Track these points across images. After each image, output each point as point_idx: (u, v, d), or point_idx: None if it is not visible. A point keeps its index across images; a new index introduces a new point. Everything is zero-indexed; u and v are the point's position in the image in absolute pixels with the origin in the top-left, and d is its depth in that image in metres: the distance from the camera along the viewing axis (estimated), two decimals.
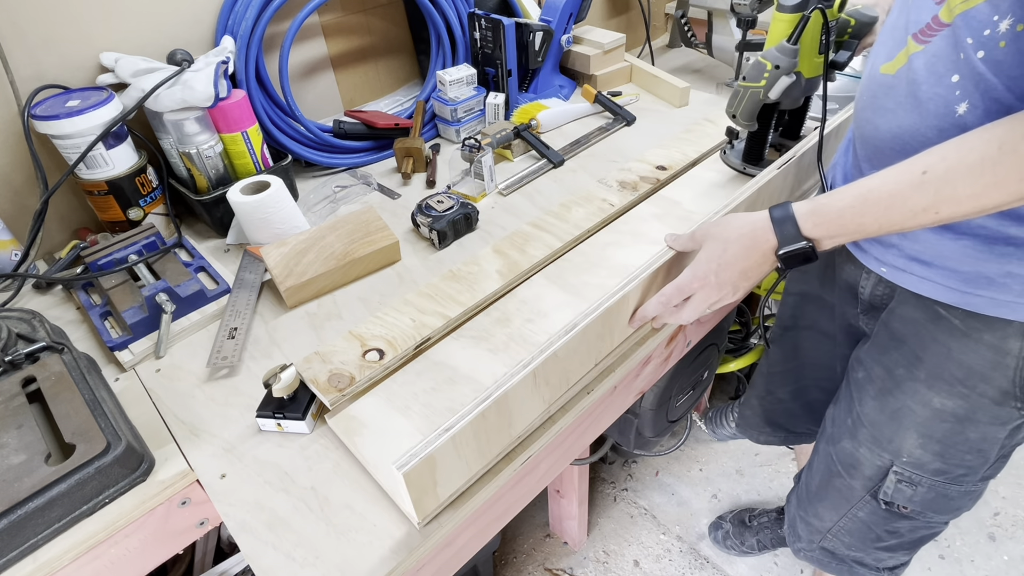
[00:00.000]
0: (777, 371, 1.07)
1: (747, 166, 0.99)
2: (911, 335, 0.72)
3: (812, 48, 0.83)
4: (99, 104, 0.84)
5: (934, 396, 0.72)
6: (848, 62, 0.87)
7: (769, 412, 1.12)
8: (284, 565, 0.56)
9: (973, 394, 0.69)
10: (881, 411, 0.78)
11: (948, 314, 0.67)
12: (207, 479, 0.63)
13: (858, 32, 0.86)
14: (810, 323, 0.96)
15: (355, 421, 0.66)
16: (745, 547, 1.45)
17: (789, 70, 0.81)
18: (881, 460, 0.79)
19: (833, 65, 0.86)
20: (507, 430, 0.62)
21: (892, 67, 0.63)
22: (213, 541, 1.05)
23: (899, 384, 0.75)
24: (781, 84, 0.82)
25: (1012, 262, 0.60)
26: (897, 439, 0.77)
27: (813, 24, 0.80)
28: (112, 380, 0.74)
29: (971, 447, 0.73)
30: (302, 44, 1.11)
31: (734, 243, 0.65)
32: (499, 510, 0.68)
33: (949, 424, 0.72)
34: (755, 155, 0.98)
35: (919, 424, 0.74)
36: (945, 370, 0.70)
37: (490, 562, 1.35)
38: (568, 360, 0.64)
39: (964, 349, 0.67)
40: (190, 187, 0.95)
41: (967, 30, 0.54)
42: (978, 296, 0.63)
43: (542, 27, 1.19)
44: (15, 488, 0.55)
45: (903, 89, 0.61)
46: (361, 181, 1.09)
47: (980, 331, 0.66)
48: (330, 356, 0.71)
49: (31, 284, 0.88)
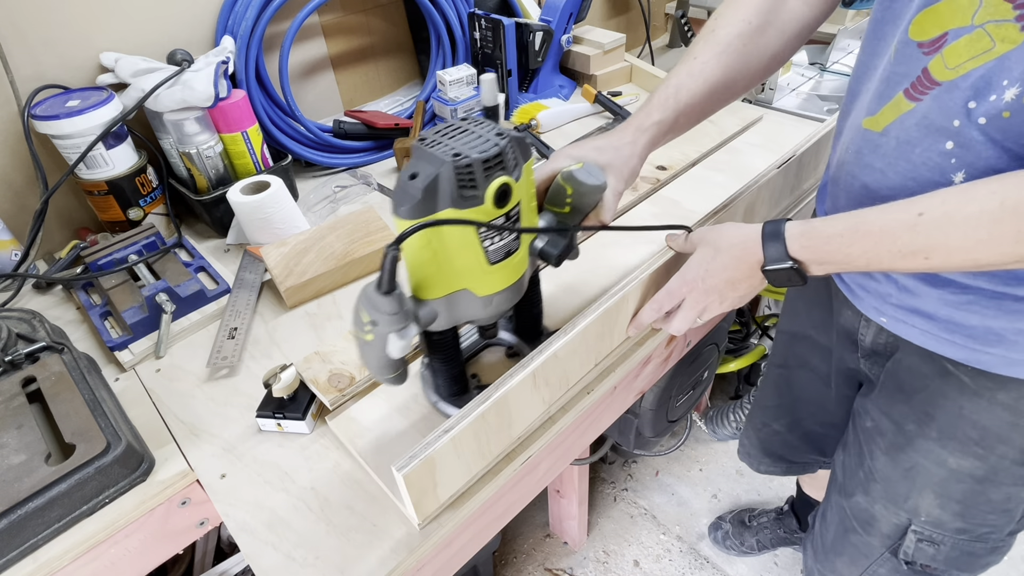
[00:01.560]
0: (771, 405, 1.04)
1: (440, 401, 0.66)
2: (919, 390, 0.68)
3: (473, 262, 0.52)
4: (99, 104, 0.84)
5: (948, 456, 0.68)
6: (565, 254, 0.59)
7: (767, 443, 1.09)
8: (284, 565, 0.56)
9: (992, 455, 0.65)
10: (894, 467, 0.74)
11: (957, 370, 0.63)
12: (207, 479, 0.63)
13: (579, 204, 0.60)
14: (802, 363, 0.92)
15: (355, 422, 0.66)
16: (745, 547, 1.45)
17: (396, 326, 0.50)
18: (898, 518, 0.75)
19: (543, 257, 0.59)
20: (507, 431, 0.62)
21: (878, 123, 0.58)
22: (213, 541, 1.05)
23: (910, 441, 0.71)
24: (394, 343, 0.52)
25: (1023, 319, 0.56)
26: (913, 497, 0.73)
27: (453, 236, 0.50)
28: (112, 380, 0.74)
29: (994, 507, 0.69)
30: (302, 44, 1.11)
31: (724, 252, 0.63)
32: (499, 510, 0.68)
33: (967, 485, 0.68)
34: (454, 390, 0.66)
35: (935, 484, 0.70)
36: (958, 429, 0.66)
37: (490, 562, 1.35)
38: (568, 360, 0.64)
39: (977, 409, 0.63)
40: (190, 187, 0.95)
41: (970, 91, 0.49)
42: (988, 354, 0.59)
43: (542, 27, 1.19)
44: (15, 488, 0.55)
45: (893, 149, 0.57)
46: (361, 181, 1.09)
47: (993, 390, 0.61)
48: (330, 356, 0.71)
49: (31, 284, 0.88)
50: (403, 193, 0.48)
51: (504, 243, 0.53)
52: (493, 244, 0.52)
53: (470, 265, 0.53)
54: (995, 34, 0.47)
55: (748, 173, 0.95)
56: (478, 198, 0.48)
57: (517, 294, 0.59)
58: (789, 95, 1.28)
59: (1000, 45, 0.47)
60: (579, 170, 0.59)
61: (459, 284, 0.54)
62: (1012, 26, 0.46)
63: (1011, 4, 0.45)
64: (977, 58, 0.49)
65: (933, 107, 0.53)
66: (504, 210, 0.51)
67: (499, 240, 0.53)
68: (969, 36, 0.49)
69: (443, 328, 0.58)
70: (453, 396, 0.66)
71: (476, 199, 0.48)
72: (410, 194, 0.47)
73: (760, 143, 1.12)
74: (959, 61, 0.50)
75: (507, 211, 0.51)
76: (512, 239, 0.54)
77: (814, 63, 1.42)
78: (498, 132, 0.50)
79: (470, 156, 0.47)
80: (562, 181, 0.60)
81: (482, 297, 0.56)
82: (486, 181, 0.48)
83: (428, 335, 0.60)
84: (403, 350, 0.53)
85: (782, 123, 1.19)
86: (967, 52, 0.49)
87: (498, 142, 0.49)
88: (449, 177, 0.47)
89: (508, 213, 0.52)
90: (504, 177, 0.49)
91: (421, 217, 0.48)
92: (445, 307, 0.55)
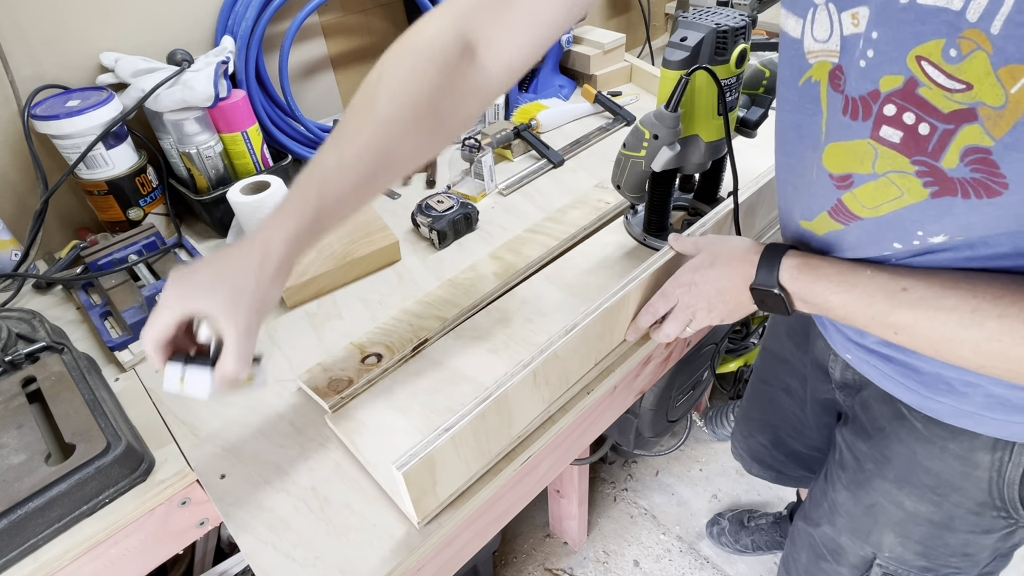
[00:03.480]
0: (756, 418, 1.04)
1: (648, 237, 0.86)
2: (878, 430, 0.68)
3: (708, 109, 0.71)
4: (99, 104, 0.84)
5: (905, 499, 0.67)
6: (761, 120, 0.75)
7: (754, 452, 1.08)
8: (284, 565, 0.56)
9: (946, 503, 0.64)
10: (855, 503, 0.74)
11: (911, 416, 0.63)
12: (207, 479, 0.63)
13: (774, 85, 0.75)
14: (783, 385, 0.92)
15: (355, 421, 0.66)
16: (739, 545, 1.46)
17: (671, 140, 0.69)
18: (864, 551, 0.75)
19: (743, 123, 0.75)
20: (507, 430, 0.62)
21: (817, 228, 0.57)
22: (213, 541, 1.05)
23: (869, 480, 0.71)
24: (663, 156, 0.70)
25: (970, 372, 0.53)
26: (875, 534, 0.72)
27: (704, 84, 0.68)
28: (112, 380, 0.74)
29: (954, 551, 0.68)
30: (302, 44, 1.11)
31: (722, 260, 0.63)
32: (499, 510, 0.68)
33: (926, 528, 0.67)
34: (657, 225, 0.85)
35: (895, 524, 0.70)
36: (913, 474, 0.65)
37: (490, 562, 1.35)
38: (568, 360, 0.64)
39: (930, 456, 0.63)
40: (190, 187, 0.95)
41: (891, 232, 0.49)
42: (939, 402, 0.58)
43: None
44: (15, 488, 0.55)
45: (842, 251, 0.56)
46: None
47: (944, 439, 0.61)
48: (331, 366, 0.71)
49: (31, 284, 0.88)
50: (676, 51, 0.68)
51: (731, 99, 0.71)
52: (729, 96, 0.70)
53: (704, 113, 0.71)
54: (900, 184, 0.46)
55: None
56: (725, 58, 0.68)
57: (720, 150, 0.76)
58: None
59: (907, 196, 0.46)
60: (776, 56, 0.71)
61: (693, 129, 0.73)
62: (913, 180, 0.44)
63: (907, 159, 0.44)
64: (891, 202, 0.47)
65: (863, 235, 0.52)
66: (740, 70, 0.69)
67: (728, 96, 0.70)
68: (875, 183, 0.47)
69: (672, 167, 0.74)
70: (658, 232, 0.85)
71: (724, 59, 0.68)
72: (682, 50, 0.67)
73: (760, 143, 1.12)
74: (874, 203, 0.49)
75: (740, 72, 0.70)
76: (733, 98, 0.71)
77: None
78: (740, 14, 0.68)
79: (727, 25, 0.66)
80: (760, 66, 0.77)
81: (706, 143, 0.74)
82: (733, 45, 0.67)
83: (656, 174, 0.77)
84: (664, 165, 0.72)
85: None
86: (879, 196, 0.48)
87: (744, 18, 0.67)
88: (710, 40, 0.67)
89: (740, 74, 0.70)
90: (743, 44, 0.68)
91: (687, 68, 0.66)
92: (682, 146, 0.73)
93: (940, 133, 0.41)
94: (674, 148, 0.71)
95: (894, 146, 0.44)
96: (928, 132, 0.42)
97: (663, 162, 0.72)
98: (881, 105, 0.43)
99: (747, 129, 0.76)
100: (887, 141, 0.45)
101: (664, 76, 0.69)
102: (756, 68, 0.76)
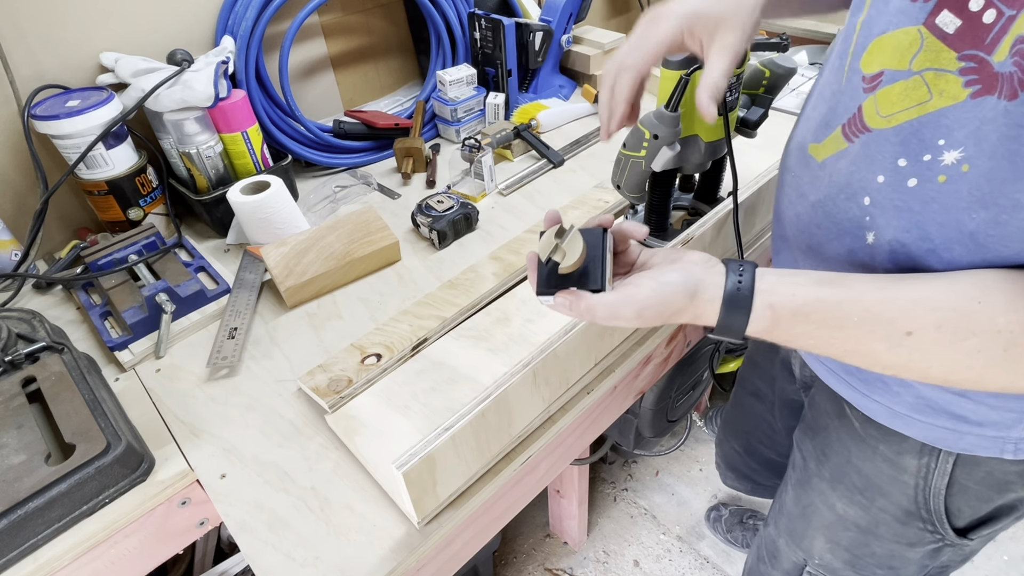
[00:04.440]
0: (731, 422, 1.03)
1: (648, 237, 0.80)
2: (822, 428, 0.67)
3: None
4: (99, 104, 0.84)
5: (836, 500, 0.67)
6: (761, 120, 0.74)
7: (729, 459, 1.08)
8: (284, 565, 0.56)
9: (873, 507, 0.63)
10: (796, 503, 0.73)
11: (851, 414, 0.61)
12: (207, 479, 0.63)
13: (774, 84, 0.75)
14: (753, 390, 0.91)
15: (355, 421, 0.66)
16: (731, 537, 1.47)
17: (671, 140, 0.69)
18: (796, 556, 0.75)
19: (743, 123, 0.75)
20: (507, 430, 0.62)
21: (820, 152, 0.52)
22: (213, 541, 1.05)
23: (809, 479, 0.70)
24: (663, 156, 0.71)
25: None
26: (808, 538, 0.72)
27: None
28: (112, 380, 0.74)
29: (880, 562, 0.67)
30: (302, 44, 1.11)
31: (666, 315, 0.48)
32: (499, 510, 0.68)
33: (853, 533, 0.67)
34: (657, 224, 0.85)
35: (825, 527, 0.69)
36: (846, 475, 0.64)
37: (490, 562, 1.35)
38: (568, 360, 0.64)
39: (862, 456, 0.62)
40: (190, 187, 0.95)
41: (900, 147, 0.43)
42: (875, 402, 0.57)
43: (542, 27, 1.19)
44: (15, 488, 0.55)
45: (825, 184, 0.51)
46: (361, 181, 1.09)
47: (876, 440, 0.60)
48: (331, 366, 0.71)
49: (31, 284, 0.88)
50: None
51: (731, 99, 0.69)
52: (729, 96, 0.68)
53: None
54: (933, 84, 0.41)
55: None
56: None
57: (720, 150, 0.76)
58: (789, 95, 1.28)
59: (937, 99, 0.41)
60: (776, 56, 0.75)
61: (693, 129, 0.73)
62: (954, 79, 0.40)
63: (955, 53, 0.39)
64: (911, 110, 0.42)
65: (862, 154, 0.47)
66: (740, 70, 0.69)
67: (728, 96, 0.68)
68: (904, 83, 0.43)
69: (672, 167, 0.74)
70: (658, 232, 0.85)
71: None
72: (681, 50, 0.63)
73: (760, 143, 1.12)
74: (892, 110, 0.44)
75: (740, 72, 0.69)
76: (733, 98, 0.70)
77: (814, 63, 1.42)
78: None
79: None
80: (760, 65, 0.75)
81: (706, 143, 0.73)
82: None
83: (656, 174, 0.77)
84: (663, 165, 0.72)
85: (782, 123, 1.18)
86: (901, 101, 0.43)
87: None
88: None
89: (740, 74, 0.69)
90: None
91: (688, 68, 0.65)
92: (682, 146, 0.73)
93: (1004, 20, 0.37)
94: (674, 148, 0.71)
95: (945, 37, 0.40)
96: (993, 19, 0.37)
97: (663, 162, 0.72)
98: None
99: (747, 129, 0.76)
100: (939, 30, 0.40)
101: (664, 76, 0.69)
102: (756, 68, 0.76)
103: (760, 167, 0.84)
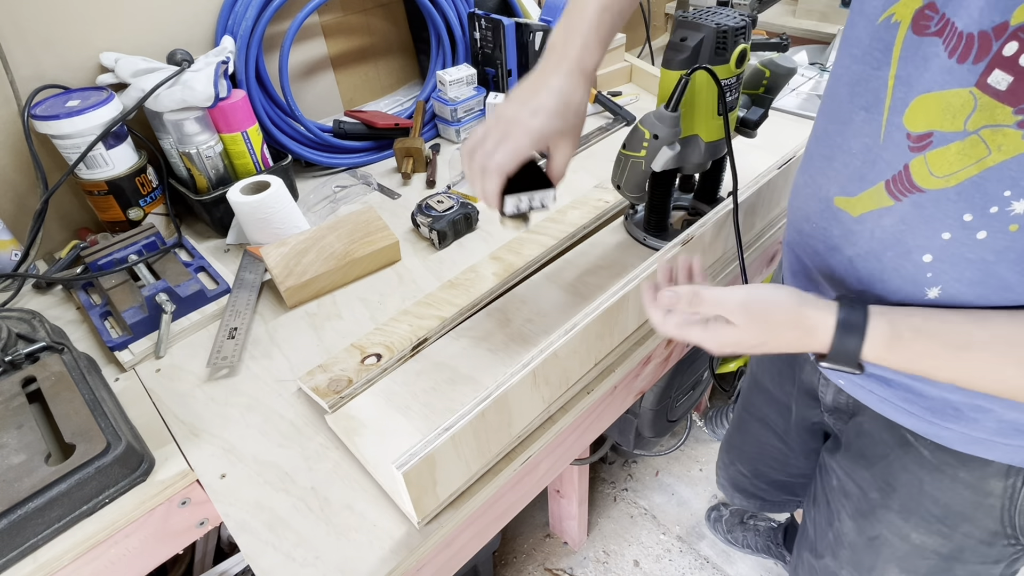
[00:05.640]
0: (736, 446, 1.01)
1: (648, 237, 0.86)
2: (880, 457, 0.64)
3: (708, 109, 0.70)
4: (99, 104, 0.84)
5: (911, 531, 0.64)
6: (761, 120, 0.75)
7: (735, 481, 1.06)
8: (284, 565, 0.56)
9: (956, 534, 0.61)
10: (859, 534, 0.71)
11: (917, 443, 0.60)
12: (207, 479, 0.63)
13: (774, 84, 0.76)
14: (760, 415, 0.89)
15: (355, 421, 0.66)
16: (731, 537, 1.46)
17: (671, 140, 0.69)
18: None
19: (743, 123, 0.75)
20: (507, 430, 0.62)
21: (854, 207, 0.51)
22: (213, 541, 1.05)
23: (873, 510, 0.68)
24: (663, 156, 0.71)
25: (979, 395, 0.50)
26: (878, 569, 0.70)
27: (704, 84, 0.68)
28: (112, 380, 0.74)
29: None
30: (302, 44, 1.11)
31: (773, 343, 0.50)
32: (499, 510, 0.68)
33: (932, 561, 0.65)
34: (657, 224, 0.85)
35: (899, 558, 0.67)
36: (920, 505, 0.62)
37: (490, 562, 1.35)
38: (568, 360, 0.64)
39: (939, 485, 0.60)
40: (190, 187, 0.95)
41: (963, 204, 0.43)
42: (947, 429, 0.55)
43: (542, 27, 1.19)
44: (15, 488, 0.55)
45: (866, 240, 0.51)
46: (361, 181, 1.09)
47: (954, 467, 0.58)
48: (331, 366, 0.71)
49: (31, 284, 0.88)
50: (676, 51, 0.68)
51: (731, 99, 0.70)
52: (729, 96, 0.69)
53: (704, 113, 0.71)
54: (991, 141, 0.41)
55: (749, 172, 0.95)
56: (725, 58, 0.67)
57: (720, 150, 0.76)
58: (789, 95, 1.28)
59: (997, 153, 0.41)
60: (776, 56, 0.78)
61: (693, 129, 0.73)
62: (1012, 132, 0.40)
63: (1011, 108, 0.39)
64: (970, 168, 0.42)
65: (914, 214, 0.47)
66: (740, 70, 0.69)
67: (728, 96, 0.69)
68: (960, 144, 0.42)
69: (672, 167, 0.74)
70: (658, 232, 0.85)
71: (724, 59, 0.67)
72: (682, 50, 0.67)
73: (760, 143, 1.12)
74: (949, 170, 0.43)
75: (740, 72, 0.69)
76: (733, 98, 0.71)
77: (814, 63, 1.42)
78: (740, 14, 0.68)
79: (727, 25, 0.66)
80: (760, 66, 0.76)
81: (706, 143, 0.73)
82: (733, 45, 0.67)
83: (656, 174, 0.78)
84: (663, 165, 0.72)
85: (782, 123, 1.19)
86: (959, 161, 0.43)
87: (744, 18, 0.67)
88: (710, 40, 0.66)
89: (740, 74, 0.69)
90: (744, 44, 0.67)
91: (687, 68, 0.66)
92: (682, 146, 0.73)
93: None
94: (674, 148, 0.71)
95: (998, 95, 0.40)
96: None
97: (663, 162, 0.72)
98: (1004, 42, 0.38)
99: (747, 129, 0.76)
100: (991, 89, 0.40)
101: (664, 76, 0.69)
102: (756, 68, 0.76)
103: (760, 167, 0.84)
